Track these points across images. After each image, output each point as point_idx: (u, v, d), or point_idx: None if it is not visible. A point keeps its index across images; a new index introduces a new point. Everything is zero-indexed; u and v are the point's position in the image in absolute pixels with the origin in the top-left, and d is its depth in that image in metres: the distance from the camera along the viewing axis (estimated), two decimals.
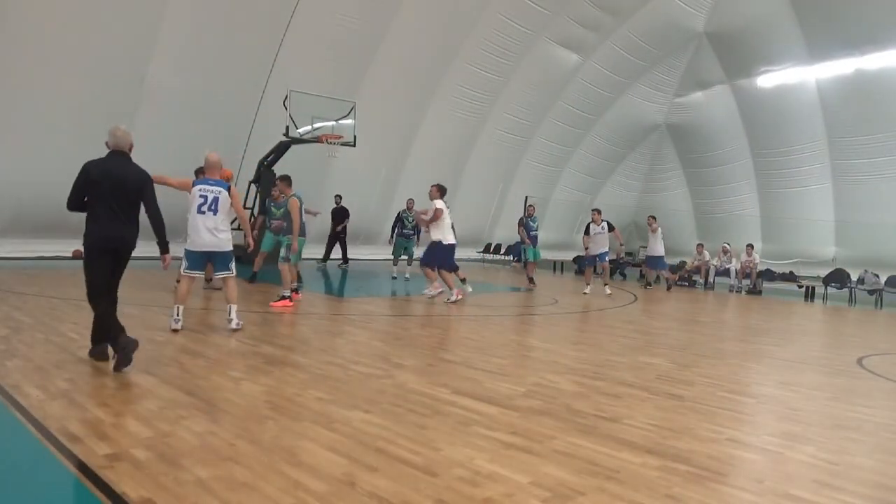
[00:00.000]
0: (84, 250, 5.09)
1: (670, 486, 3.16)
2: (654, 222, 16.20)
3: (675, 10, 20.29)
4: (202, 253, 6.82)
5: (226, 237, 6.83)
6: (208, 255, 6.90)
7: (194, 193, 6.71)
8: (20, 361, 4.97)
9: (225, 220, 6.82)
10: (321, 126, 15.41)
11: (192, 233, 6.73)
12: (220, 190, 6.72)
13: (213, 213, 6.70)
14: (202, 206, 6.68)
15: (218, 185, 6.76)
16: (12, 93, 12.64)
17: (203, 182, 6.79)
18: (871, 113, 18.79)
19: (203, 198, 6.68)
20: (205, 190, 6.70)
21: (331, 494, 2.85)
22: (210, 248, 6.79)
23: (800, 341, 9.05)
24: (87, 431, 3.47)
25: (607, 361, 6.44)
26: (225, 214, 6.79)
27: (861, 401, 5.41)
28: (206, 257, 6.93)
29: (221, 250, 6.83)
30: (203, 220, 6.69)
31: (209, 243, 6.75)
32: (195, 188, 6.72)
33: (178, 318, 6.64)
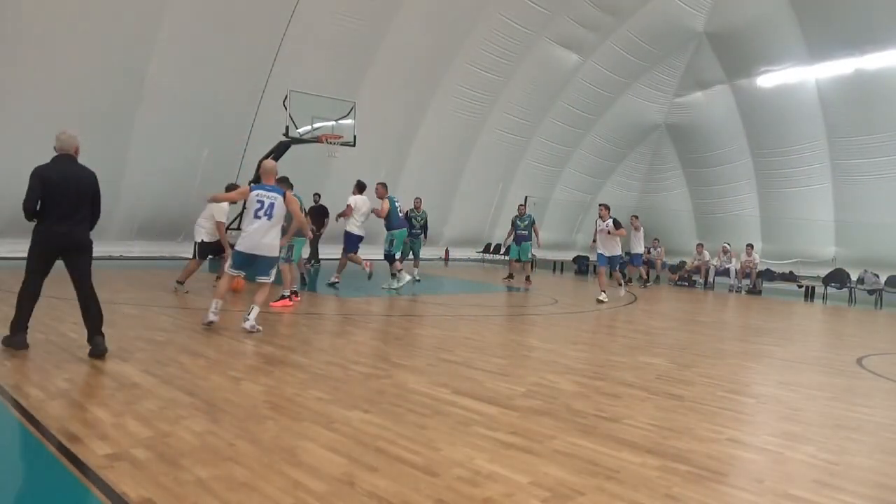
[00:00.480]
0: (31, 245, 5.31)
1: (670, 486, 3.16)
2: (637, 221, 16.46)
3: (674, 10, 20.28)
4: (249, 255, 6.92)
5: (274, 244, 6.98)
6: (253, 258, 6.98)
7: (252, 199, 6.89)
8: (20, 361, 4.97)
9: (277, 226, 6.96)
10: (321, 126, 15.40)
11: (244, 235, 6.90)
12: (277, 196, 6.91)
13: (268, 219, 6.86)
14: (258, 212, 6.85)
15: (274, 191, 6.95)
16: (12, 92, 12.63)
17: (261, 188, 6.97)
18: (870, 113, 18.78)
19: (260, 203, 6.86)
20: (262, 196, 6.88)
21: (330, 494, 2.85)
22: (257, 252, 6.90)
23: (800, 341, 9.06)
24: (86, 431, 3.47)
25: (607, 361, 6.44)
26: (278, 220, 6.95)
27: (861, 401, 5.41)
28: (252, 259, 7.01)
29: (267, 255, 6.95)
30: (258, 224, 6.85)
31: (257, 247, 6.88)
32: (252, 194, 6.91)
33: (214, 311, 6.78)
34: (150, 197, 15.24)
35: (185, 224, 16.47)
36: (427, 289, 12.77)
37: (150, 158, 14.80)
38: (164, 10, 13.48)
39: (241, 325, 6.85)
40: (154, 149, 14.78)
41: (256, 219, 6.83)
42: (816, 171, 20.81)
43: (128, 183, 14.80)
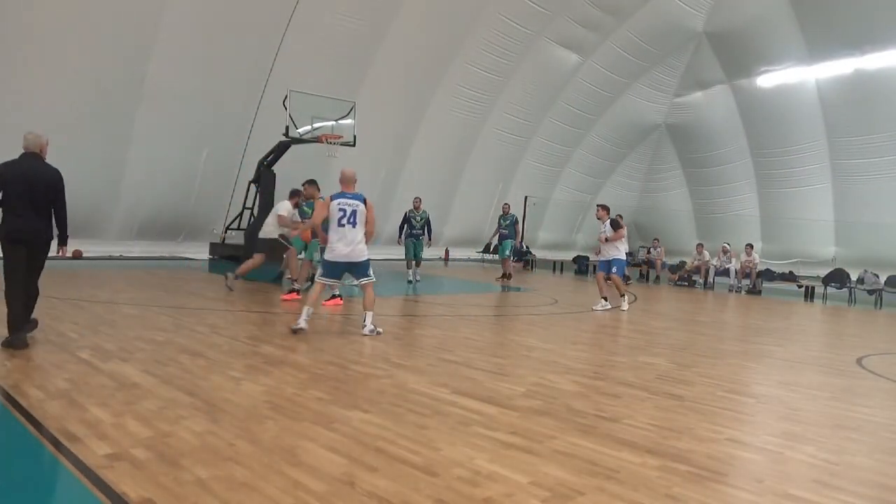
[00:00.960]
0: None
1: (670, 486, 3.16)
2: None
3: (674, 10, 20.30)
4: (339, 263, 7.11)
5: (362, 248, 7.09)
6: (346, 266, 7.18)
7: (333, 208, 6.99)
8: (20, 361, 4.97)
9: (361, 231, 7.06)
10: (321, 126, 15.41)
11: (332, 244, 7.05)
12: (358, 203, 7.03)
13: (353, 226, 6.99)
14: (342, 220, 6.97)
15: (355, 198, 7.06)
16: (12, 93, 12.64)
17: (341, 196, 7.06)
18: (870, 113, 18.79)
19: (342, 211, 6.97)
20: (343, 203, 6.99)
21: (330, 494, 2.85)
22: (347, 260, 7.07)
23: (799, 341, 9.06)
24: (86, 431, 3.47)
25: (607, 361, 6.44)
26: (362, 226, 7.06)
27: (861, 401, 5.41)
28: (344, 268, 7.21)
29: (358, 261, 7.10)
30: (342, 232, 6.98)
31: (346, 254, 7.03)
32: (334, 203, 7.01)
33: (305, 319, 6.88)
34: (150, 197, 15.25)
35: (185, 224, 16.49)
36: (427, 289, 12.77)
37: (150, 158, 14.80)
38: (164, 10, 13.49)
39: (361, 332, 7.04)
40: (154, 149, 14.79)
41: (340, 227, 6.97)
42: (816, 171, 20.83)
43: (128, 183, 14.81)
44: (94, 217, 14.68)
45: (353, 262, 7.10)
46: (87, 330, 6.40)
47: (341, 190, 7.15)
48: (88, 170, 13.94)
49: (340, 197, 7.05)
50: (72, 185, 12.57)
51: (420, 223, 13.80)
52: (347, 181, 7.17)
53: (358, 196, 7.10)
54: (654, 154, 26.51)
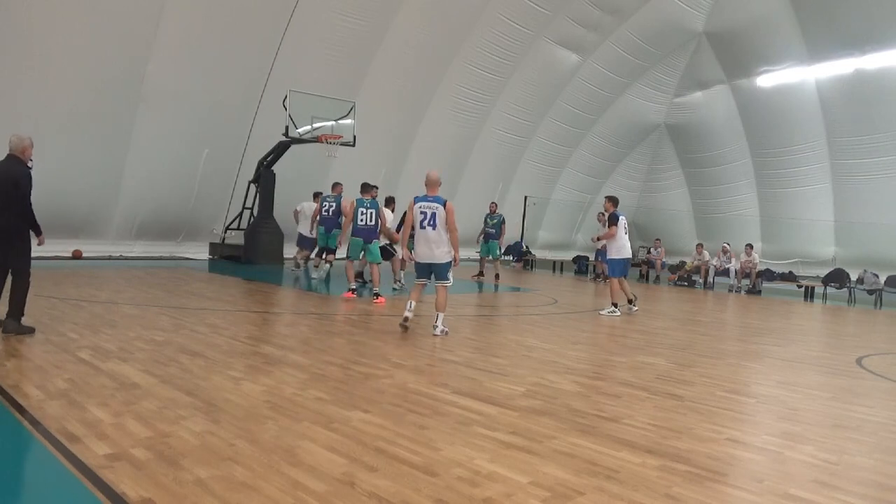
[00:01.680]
0: None
1: (670, 486, 3.16)
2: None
3: (674, 10, 20.30)
4: (425, 264, 7.39)
5: (443, 250, 7.29)
6: (429, 266, 7.40)
7: (415, 211, 7.26)
8: (19, 361, 4.97)
9: (443, 233, 7.26)
10: (320, 126, 15.41)
11: (416, 246, 7.38)
12: (438, 206, 7.23)
13: (433, 228, 7.20)
14: (423, 222, 7.23)
15: (436, 201, 7.26)
16: (12, 93, 12.63)
17: (423, 199, 7.31)
18: (870, 112, 18.80)
19: (423, 214, 7.22)
20: (424, 206, 7.24)
21: (330, 494, 2.85)
22: (428, 261, 7.33)
23: (799, 341, 9.05)
24: (86, 431, 3.47)
25: (607, 361, 6.44)
26: (443, 228, 7.24)
27: (860, 400, 5.41)
28: (428, 268, 7.42)
29: (439, 262, 7.32)
30: (424, 234, 7.24)
31: (428, 256, 7.31)
32: (416, 206, 7.28)
33: (410, 310, 7.27)
34: (150, 197, 15.24)
35: (184, 224, 16.49)
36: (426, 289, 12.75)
37: (150, 158, 14.80)
38: (164, 9, 13.48)
39: (431, 332, 7.30)
40: (154, 149, 14.78)
41: (422, 229, 7.23)
42: (816, 170, 20.84)
43: (127, 183, 14.80)
44: (94, 217, 14.69)
45: (434, 264, 7.34)
46: (86, 330, 6.40)
47: (425, 193, 7.33)
48: (88, 170, 13.94)
49: (422, 200, 7.28)
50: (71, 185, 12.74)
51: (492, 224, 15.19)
52: (432, 184, 7.34)
53: (438, 199, 7.26)
54: (653, 154, 26.52)
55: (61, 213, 13.88)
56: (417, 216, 7.24)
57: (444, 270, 7.36)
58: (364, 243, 10.22)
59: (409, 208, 7.51)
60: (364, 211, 10.10)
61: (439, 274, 7.37)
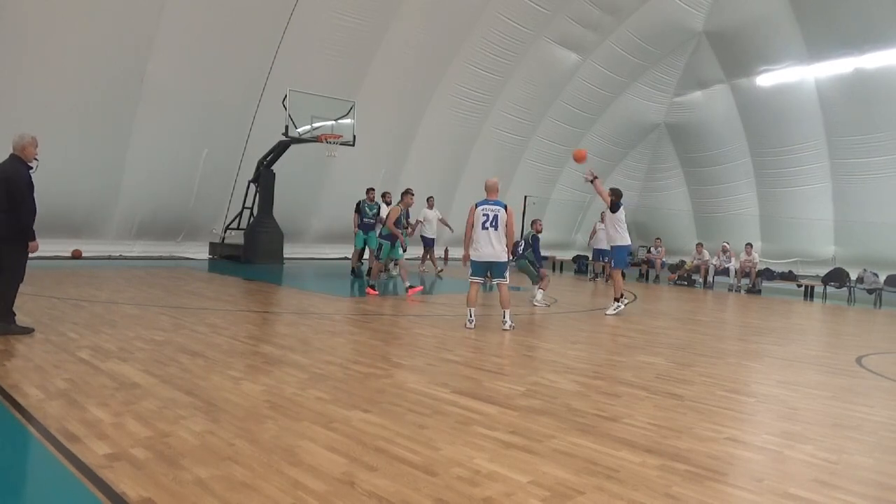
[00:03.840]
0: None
1: (669, 486, 3.16)
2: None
3: (674, 10, 20.29)
4: (484, 263, 7.99)
5: (502, 249, 7.93)
6: (488, 265, 8.03)
7: (478, 213, 7.89)
8: (19, 361, 4.97)
9: (503, 234, 7.89)
10: (320, 125, 15.41)
11: (477, 245, 7.93)
12: (499, 209, 7.88)
13: (494, 229, 7.85)
14: (485, 223, 7.85)
15: (497, 204, 7.92)
16: (11, 92, 12.63)
17: (485, 203, 7.94)
18: (870, 112, 18.78)
19: (486, 216, 7.85)
20: (487, 209, 7.88)
21: (330, 494, 2.86)
22: (490, 259, 7.94)
23: (799, 340, 9.06)
24: (86, 431, 3.47)
25: (607, 361, 6.44)
26: (503, 230, 7.88)
27: (860, 400, 5.41)
28: (487, 266, 8.06)
29: (499, 260, 7.97)
30: (486, 234, 7.85)
31: (490, 254, 7.91)
32: (479, 209, 7.91)
33: (471, 319, 7.91)
34: (150, 197, 15.24)
35: (184, 224, 16.49)
36: (427, 288, 12.77)
37: (150, 158, 14.79)
38: (164, 9, 13.48)
39: (501, 328, 7.88)
40: (153, 148, 14.78)
41: (484, 230, 7.83)
42: (816, 170, 20.82)
43: (127, 183, 14.80)
44: (94, 217, 14.68)
45: (495, 262, 7.96)
46: (86, 330, 6.40)
47: (486, 197, 7.97)
48: (88, 170, 13.94)
49: (484, 203, 7.92)
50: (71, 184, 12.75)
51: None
52: (492, 190, 8.03)
53: (499, 203, 7.93)
54: (653, 153, 26.50)
55: (61, 212, 13.87)
56: (479, 218, 7.83)
57: (502, 268, 8.03)
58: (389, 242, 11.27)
59: (470, 212, 8.00)
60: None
61: (499, 272, 8.03)
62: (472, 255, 8.03)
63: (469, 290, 8.00)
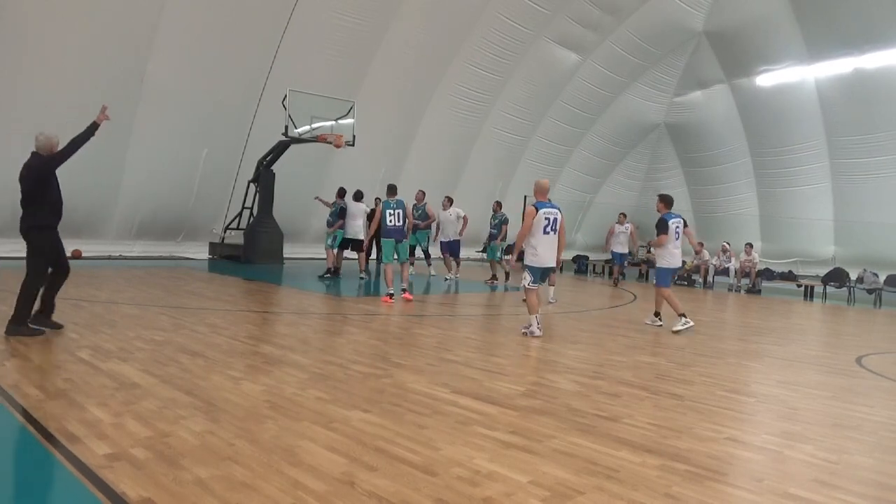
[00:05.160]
0: None
1: (669, 486, 3.16)
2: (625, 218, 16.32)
3: (674, 10, 20.29)
4: (545, 269, 7.64)
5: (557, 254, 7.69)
6: (549, 270, 7.79)
7: (540, 216, 7.45)
8: (19, 361, 4.97)
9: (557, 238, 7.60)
10: (320, 125, 15.42)
11: (537, 250, 7.49)
12: (558, 212, 7.60)
13: (554, 233, 7.52)
14: (547, 228, 7.46)
15: (555, 207, 7.64)
16: (12, 92, 12.63)
17: (546, 206, 7.55)
18: (870, 112, 18.78)
19: (547, 220, 7.47)
20: (549, 213, 7.51)
21: (330, 494, 2.85)
22: (552, 264, 7.65)
23: (799, 340, 9.05)
24: (86, 431, 3.47)
25: (607, 361, 6.44)
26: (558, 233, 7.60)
27: (860, 400, 5.41)
28: (546, 272, 7.79)
29: (554, 265, 7.76)
30: (548, 239, 7.50)
31: (551, 260, 7.57)
32: (540, 212, 7.47)
33: (539, 326, 7.47)
34: (150, 197, 15.24)
35: (184, 224, 16.49)
36: (426, 288, 12.76)
37: (150, 158, 14.79)
38: (164, 9, 13.47)
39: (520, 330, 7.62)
40: (153, 148, 14.78)
41: (545, 234, 7.47)
42: (816, 170, 20.82)
43: (127, 183, 14.80)
44: (94, 217, 14.67)
45: (552, 267, 7.72)
46: (86, 330, 6.41)
47: (538, 200, 7.65)
48: (88, 169, 13.88)
49: (545, 207, 7.53)
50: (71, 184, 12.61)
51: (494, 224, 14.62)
52: (545, 192, 7.75)
53: (557, 206, 7.68)
54: (653, 153, 26.50)
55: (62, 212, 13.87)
56: (541, 222, 7.44)
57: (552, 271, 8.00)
58: (395, 244, 10.33)
59: (528, 215, 7.59)
60: (392, 212, 10.21)
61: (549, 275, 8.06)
62: (532, 260, 7.52)
63: (530, 298, 7.54)
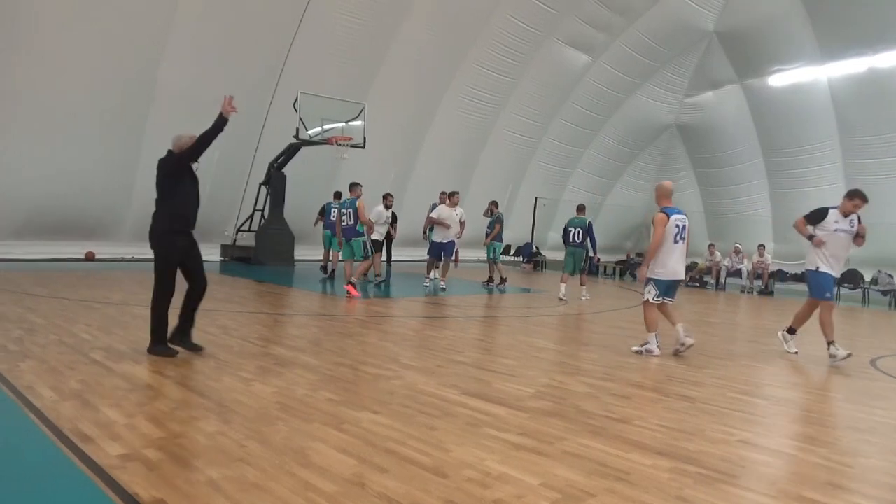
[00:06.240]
0: None
1: (681, 488, 3.14)
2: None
3: (685, 10, 20.19)
4: (675, 282, 6.80)
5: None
6: (676, 284, 6.87)
7: (671, 225, 6.66)
8: (33, 362, 5.02)
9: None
10: (331, 128, 15.46)
11: (668, 261, 6.69)
12: (685, 217, 6.83)
13: (683, 242, 6.78)
14: (677, 236, 6.69)
15: (683, 212, 6.85)
16: (27, 96, 12.77)
17: (676, 212, 6.78)
18: (884, 111, 18.60)
19: (678, 227, 6.69)
20: (679, 220, 6.73)
21: (341, 495, 2.86)
22: (681, 278, 6.86)
23: (812, 342, 8.98)
24: (99, 432, 3.50)
25: (617, 362, 6.41)
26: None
27: (875, 402, 5.35)
28: (674, 285, 6.84)
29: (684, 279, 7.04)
30: (678, 249, 6.73)
31: (680, 273, 6.81)
32: (672, 219, 6.68)
33: (659, 345, 6.73)
34: None
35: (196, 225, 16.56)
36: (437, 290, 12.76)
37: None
38: (175, 12, 13.58)
39: (674, 347, 6.80)
40: (166, 150, 14.86)
41: (676, 244, 6.69)
42: (829, 170, 20.64)
43: (140, 185, 14.87)
44: (107, 219, 14.79)
45: (680, 281, 6.90)
46: (99, 331, 6.46)
47: (663, 205, 6.80)
48: (101, 172, 14.06)
49: (675, 213, 6.75)
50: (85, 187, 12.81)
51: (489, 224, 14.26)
52: (668, 195, 6.90)
53: (684, 211, 6.91)
54: (664, 154, 26.37)
55: (74, 214, 14.00)
56: (672, 230, 6.65)
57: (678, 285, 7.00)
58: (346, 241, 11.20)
59: (659, 223, 6.66)
60: (345, 211, 11.14)
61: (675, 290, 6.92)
62: (659, 272, 6.69)
63: (649, 313, 6.78)
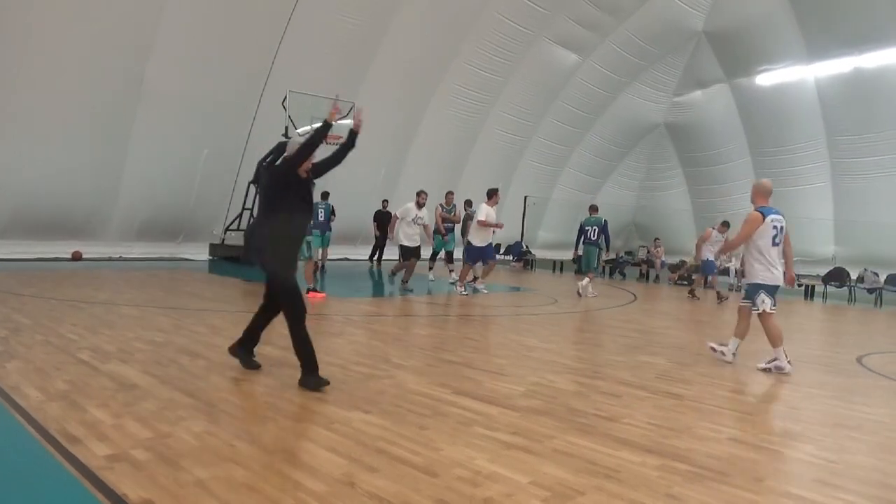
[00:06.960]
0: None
1: (670, 486, 3.16)
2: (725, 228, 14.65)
3: (674, 10, 20.31)
4: (777, 286, 6.41)
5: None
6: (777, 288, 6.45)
7: (767, 225, 6.35)
8: (19, 363, 4.96)
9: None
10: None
11: (771, 265, 6.36)
12: (782, 218, 6.48)
13: (780, 245, 6.38)
14: (775, 238, 6.37)
15: (780, 213, 6.50)
16: (12, 94, 12.63)
17: (773, 212, 6.45)
18: (870, 111, 18.81)
19: (776, 228, 6.38)
20: (777, 220, 6.41)
21: (330, 495, 2.85)
22: (780, 283, 6.43)
23: (799, 340, 9.05)
24: (86, 432, 3.47)
25: (607, 361, 6.44)
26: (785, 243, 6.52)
27: (861, 399, 5.40)
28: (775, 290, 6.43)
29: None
30: (777, 252, 6.40)
31: (779, 278, 6.41)
32: (768, 219, 6.36)
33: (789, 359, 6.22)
34: (150, 197, 15.25)
35: (184, 225, 16.49)
36: (427, 289, 12.76)
37: (150, 158, 14.80)
38: (163, 10, 13.48)
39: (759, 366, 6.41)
40: (153, 149, 14.79)
41: (775, 246, 6.36)
42: (816, 169, 20.84)
43: (127, 184, 14.81)
44: (94, 218, 14.68)
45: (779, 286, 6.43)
46: (86, 331, 6.40)
47: (759, 204, 6.50)
48: (88, 170, 13.94)
49: (772, 213, 6.40)
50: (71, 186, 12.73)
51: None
52: (769, 194, 6.56)
53: (781, 212, 6.53)
54: (653, 153, 26.54)
55: (61, 214, 13.88)
56: (769, 231, 6.31)
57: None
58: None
59: (752, 221, 6.39)
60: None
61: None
62: (766, 276, 6.33)
63: (771, 324, 6.32)
